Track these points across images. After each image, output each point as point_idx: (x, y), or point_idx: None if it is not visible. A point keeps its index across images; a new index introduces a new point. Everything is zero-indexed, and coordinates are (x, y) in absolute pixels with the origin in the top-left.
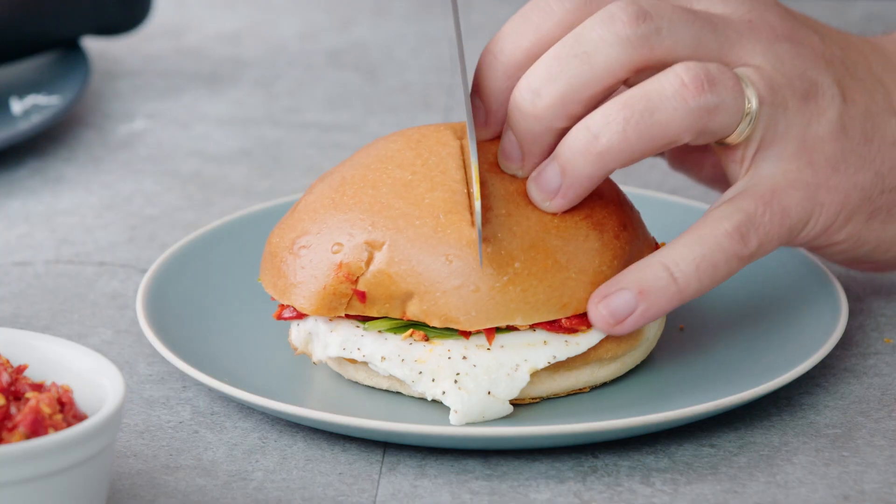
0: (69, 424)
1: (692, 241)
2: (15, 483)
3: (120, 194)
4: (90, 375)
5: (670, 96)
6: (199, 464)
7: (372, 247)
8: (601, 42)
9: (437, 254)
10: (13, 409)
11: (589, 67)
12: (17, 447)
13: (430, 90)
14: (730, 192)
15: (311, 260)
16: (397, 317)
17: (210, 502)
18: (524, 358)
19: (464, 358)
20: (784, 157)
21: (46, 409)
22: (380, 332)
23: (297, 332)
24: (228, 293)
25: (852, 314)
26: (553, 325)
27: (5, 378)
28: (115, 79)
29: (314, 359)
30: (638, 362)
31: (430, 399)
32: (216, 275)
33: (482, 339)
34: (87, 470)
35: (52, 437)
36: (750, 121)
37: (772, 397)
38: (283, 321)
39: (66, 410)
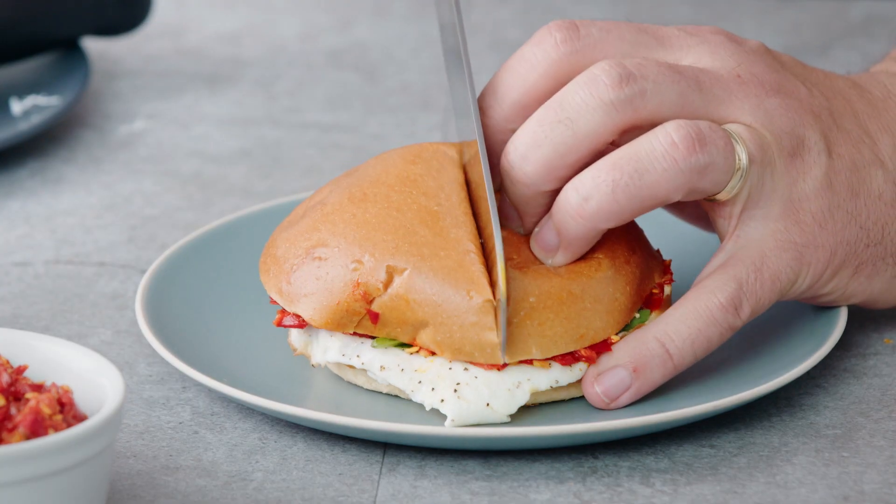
0: (69, 425)
1: (687, 316)
2: (15, 483)
3: (120, 194)
4: (90, 376)
5: (660, 157)
6: (199, 464)
7: (393, 270)
8: (584, 107)
9: (460, 288)
10: (13, 410)
11: (573, 133)
12: (17, 448)
13: (430, 90)
14: (720, 257)
15: (328, 273)
16: (406, 341)
17: (210, 503)
18: (527, 377)
19: (465, 369)
20: (771, 217)
21: (46, 410)
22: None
23: (298, 334)
24: (228, 293)
25: (852, 314)
26: (567, 358)
27: (5, 378)
28: (115, 79)
29: (313, 361)
30: None
31: (428, 408)
32: (216, 275)
33: None
34: (87, 470)
35: (52, 438)
36: (740, 178)
37: (772, 398)
38: None
39: (66, 411)
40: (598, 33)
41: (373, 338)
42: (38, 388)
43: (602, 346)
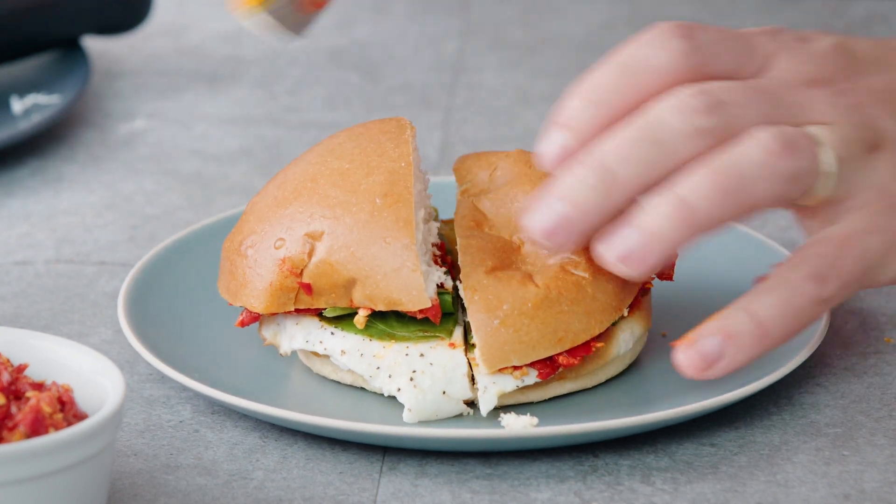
0: (70, 424)
1: (771, 287)
2: (15, 482)
3: (120, 194)
4: (90, 375)
5: (758, 164)
6: (200, 463)
7: (312, 238)
8: (677, 133)
9: (375, 237)
10: (14, 409)
11: (663, 155)
12: (17, 446)
13: (430, 90)
14: (809, 241)
15: (257, 259)
16: (345, 305)
17: (210, 501)
18: (493, 381)
19: (421, 355)
20: (858, 208)
21: (47, 409)
22: (334, 325)
23: (266, 326)
24: (217, 294)
25: (852, 314)
26: (547, 365)
27: (6, 377)
28: (116, 78)
29: (281, 351)
30: (611, 376)
31: (386, 395)
32: (203, 275)
33: (443, 341)
34: (88, 469)
35: (53, 437)
36: (830, 180)
37: (772, 396)
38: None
39: (67, 410)
40: (709, 43)
41: (321, 313)
42: (39, 386)
43: (583, 349)
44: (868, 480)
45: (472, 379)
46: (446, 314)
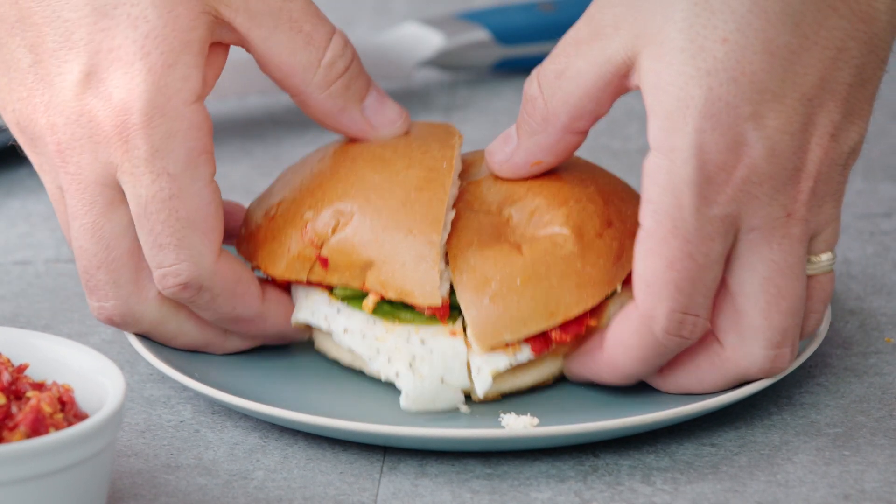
0: (70, 423)
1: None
2: (15, 482)
3: None
4: (91, 374)
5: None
6: (200, 463)
7: (340, 215)
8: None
9: (402, 227)
10: (14, 409)
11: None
12: (17, 446)
13: (431, 90)
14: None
15: (282, 225)
16: (357, 286)
17: (211, 501)
18: (485, 361)
19: (422, 342)
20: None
21: (47, 409)
22: (342, 300)
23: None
24: None
25: (853, 314)
26: (541, 341)
27: (6, 377)
28: None
29: (291, 320)
30: None
31: (384, 380)
32: None
33: (453, 327)
34: (88, 469)
35: (53, 437)
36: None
37: (773, 396)
38: None
39: (67, 409)
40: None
41: (332, 290)
42: (39, 386)
43: (576, 326)
44: (868, 480)
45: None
46: (453, 309)
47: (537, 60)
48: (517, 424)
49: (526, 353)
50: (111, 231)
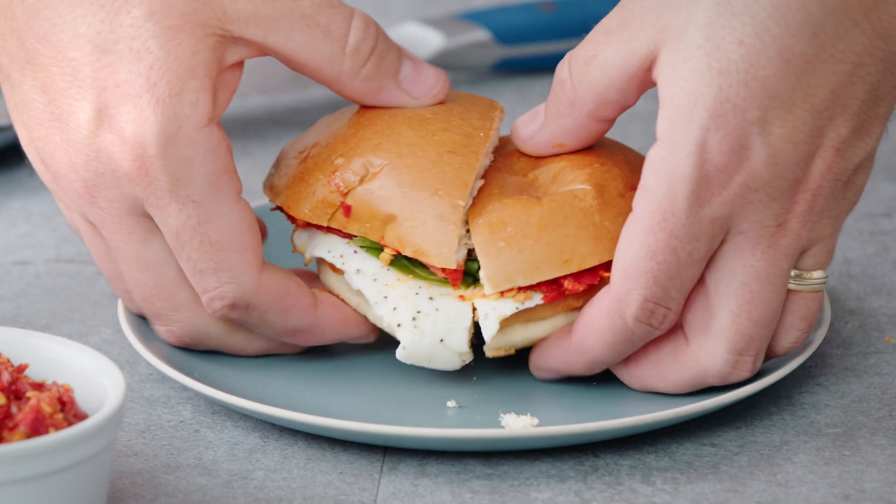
0: (70, 423)
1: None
2: (15, 482)
3: None
4: (91, 374)
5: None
6: (200, 463)
7: (370, 166)
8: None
9: (429, 186)
10: (14, 409)
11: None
12: (17, 446)
13: None
14: None
15: (312, 168)
16: (375, 239)
17: (211, 501)
18: (493, 306)
19: (430, 299)
20: None
21: (47, 409)
22: (363, 247)
23: (299, 234)
24: None
25: (853, 314)
26: (553, 289)
27: (6, 377)
28: None
29: (305, 257)
30: None
31: (385, 327)
32: None
33: (464, 291)
34: (88, 469)
35: (53, 437)
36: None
37: (773, 396)
38: None
39: (67, 409)
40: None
41: (349, 237)
42: (39, 386)
43: (590, 276)
44: (868, 480)
45: (475, 333)
46: (469, 276)
47: (537, 60)
48: (517, 424)
49: (536, 299)
50: (155, 259)
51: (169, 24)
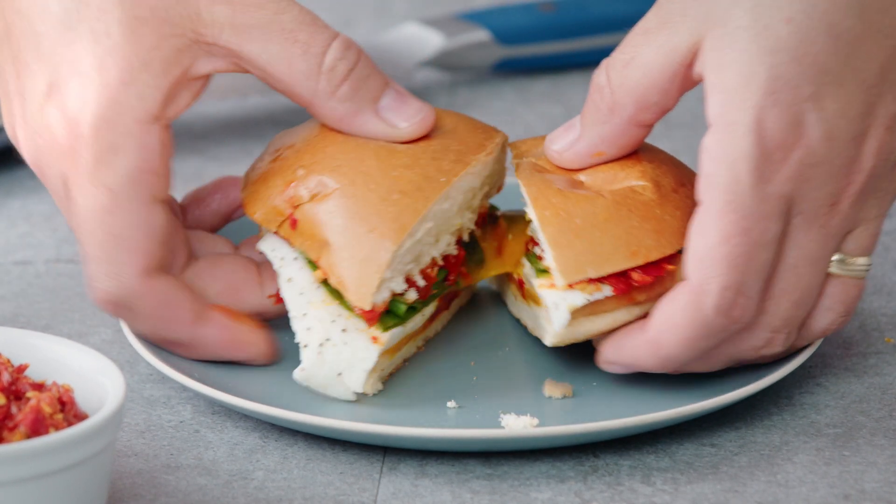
0: (70, 424)
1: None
2: (15, 482)
3: None
4: (91, 375)
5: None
6: (200, 463)
7: (324, 187)
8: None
9: (367, 222)
10: (14, 409)
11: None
12: (17, 446)
13: (431, 90)
14: None
15: (276, 171)
16: (313, 259)
17: (211, 502)
18: (563, 297)
19: (343, 331)
20: None
21: (47, 409)
22: (305, 257)
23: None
24: None
25: (852, 314)
26: (622, 281)
27: (6, 377)
28: None
29: (257, 246)
30: None
31: (296, 341)
32: None
33: (379, 333)
34: (88, 469)
35: (53, 437)
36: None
37: (773, 396)
38: None
39: (67, 410)
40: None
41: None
42: (39, 386)
43: (656, 269)
44: (868, 480)
45: (381, 377)
46: (394, 317)
47: (537, 60)
48: (517, 425)
49: (606, 291)
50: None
51: (136, 14)
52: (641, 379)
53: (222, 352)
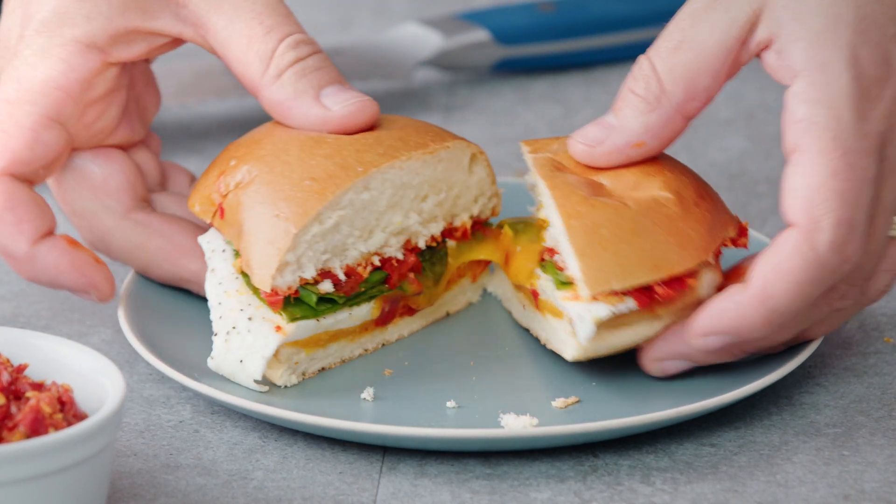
0: (69, 424)
1: None
2: (15, 482)
3: None
4: (90, 374)
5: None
6: (200, 463)
7: (247, 175)
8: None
9: (275, 207)
10: (13, 409)
11: None
12: (17, 446)
13: (431, 90)
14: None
15: (215, 163)
16: (236, 247)
17: (210, 501)
18: (587, 308)
19: (249, 319)
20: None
21: (47, 409)
22: (233, 249)
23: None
24: None
25: None
26: (645, 295)
27: (6, 377)
28: None
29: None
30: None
31: (213, 329)
32: None
33: (284, 323)
34: (88, 469)
35: (53, 437)
36: None
37: (772, 396)
38: None
39: (67, 410)
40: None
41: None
42: (39, 386)
43: (679, 284)
44: (868, 480)
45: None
46: (305, 307)
47: (537, 60)
48: (517, 424)
49: (630, 304)
50: None
51: None
52: (641, 379)
53: (58, 275)
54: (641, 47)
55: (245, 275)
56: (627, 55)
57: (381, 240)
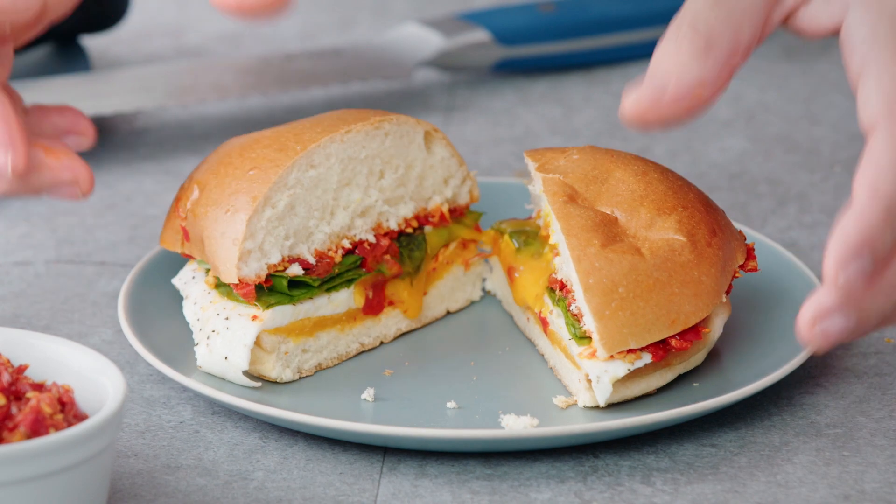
0: (70, 424)
1: None
2: (15, 483)
3: (120, 194)
4: (91, 375)
5: None
6: (200, 463)
7: (200, 188)
8: None
9: (224, 203)
10: (14, 409)
11: None
12: (17, 447)
13: (431, 90)
14: None
15: (178, 196)
16: (204, 260)
17: (211, 502)
18: (604, 369)
19: (226, 319)
20: None
21: (47, 409)
22: (201, 269)
23: None
24: None
25: None
26: (662, 348)
27: (6, 378)
28: None
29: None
30: (699, 363)
31: (194, 345)
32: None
33: (260, 312)
34: (88, 469)
35: (53, 437)
36: None
37: (772, 397)
38: None
39: (67, 410)
40: None
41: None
42: (39, 387)
43: (693, 334)
44: (868, 481)
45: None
46: (279, 294)
47: (538, 61)
48: (517, 425)
49: (646, 359)
50: None
51: None
52: None
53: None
54: (642, 47)
55: (218, 284)
56: (628, 55)
57: (344, 220)
